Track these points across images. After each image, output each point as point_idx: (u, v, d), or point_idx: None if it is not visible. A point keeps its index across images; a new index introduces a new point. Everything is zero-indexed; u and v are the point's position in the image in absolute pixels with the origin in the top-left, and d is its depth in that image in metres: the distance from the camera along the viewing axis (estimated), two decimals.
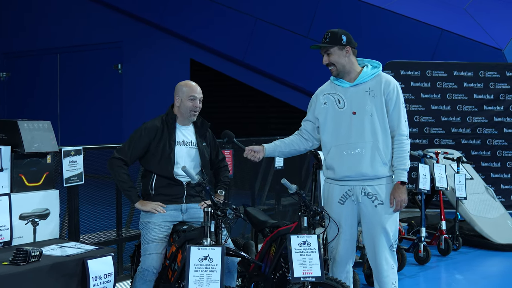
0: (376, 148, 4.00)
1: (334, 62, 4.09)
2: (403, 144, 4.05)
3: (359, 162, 4.00)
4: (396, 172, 4.03)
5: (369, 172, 4.00)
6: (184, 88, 4.32)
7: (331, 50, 4.09)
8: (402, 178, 4.00)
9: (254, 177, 7.46)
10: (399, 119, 4.05)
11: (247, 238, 6.82)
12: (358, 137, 4.01)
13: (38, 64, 17.02)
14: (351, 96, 4.08)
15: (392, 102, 4.05)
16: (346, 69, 4.11)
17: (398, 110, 4.05)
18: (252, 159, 4.27)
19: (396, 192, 4.01)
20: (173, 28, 14.19)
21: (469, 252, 7.25)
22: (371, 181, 4.02)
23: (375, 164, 4.00)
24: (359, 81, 4.09)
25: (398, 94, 4.08)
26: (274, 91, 13.07)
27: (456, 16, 11.25)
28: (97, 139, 14.61)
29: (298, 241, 3.72)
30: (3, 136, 4.16)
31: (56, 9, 16.46)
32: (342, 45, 4.08)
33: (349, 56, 4.10)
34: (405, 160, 4.03)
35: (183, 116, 4.33)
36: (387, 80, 4.10)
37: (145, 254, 4.11)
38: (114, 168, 4.23)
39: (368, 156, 3.99)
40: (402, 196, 4.01)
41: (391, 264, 4.07)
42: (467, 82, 9.75)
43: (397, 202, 4.01)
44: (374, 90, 4.05)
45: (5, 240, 3.97)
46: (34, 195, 4.17)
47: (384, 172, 4.03)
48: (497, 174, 9.71)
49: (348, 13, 11.70)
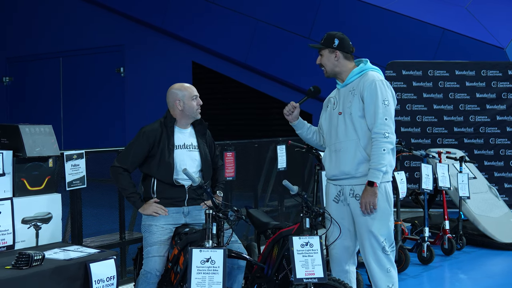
0: (357, 146, 3.98)
1: (323, 64, 4.16)
2: (377, 142, 3.90)
3: (342, 160, 4.02)
4: (369, 171, 3.91)
5: (351, 170, 3.98)
6: (184, 92, 4.31)
7: (322, 52, 4.16)
8: (372, 177, 3.87)
9: (257, 178, 7.47)
10: (376, 116, 3.92)
11: (249, 239, 6.82)
12: (342, 136, 4.04)
13: (41, 69, 17.07)
14: (341, 97, 4.13)
15: (367, 98, 3.95)
16: (336, 71, 4.15)
17: (374, 106, 3.93)
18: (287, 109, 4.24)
19: (363, 193, 3.92)
20: (174, 31, 14.21)
21: (472, 252, 7.23)
22: (357, 179, 3.99)
23: (357, 162, 3.97)
24: (346, 82, 4.13)
25: (376, 90, 3.94)
26: (276, 93, 13.07)
27: (458, 15, 11.24)
28: (100, 142, 14.62)
29: (300, 242, 3.72)
30: (5, 141, 4.17)
31: (58, 13, 16.51)
32: (332, 48, 4.10)
33: (338, 60, 4.11)
34: (378, 159, 3.87)
35: (187, 117, 4.32)
36: (368, 77, 4.03)
37: (148, 256, 4.12)
38: (115, 176, 4.24)
39: (350, 154, 3.99)
40: (367, 198, 3.88)
41: (386, 268, 4.00)
42: (469, 81, 9.74)
43: (361, 204, 3.92)
44: (355, 89, 4.05)
45: (7, 244, 3.98)
46: (36, 199, 4.18)
47: (368, 171, 3.94)
48: (500, 173, 9.70)
49: (350, 14, 11.70)
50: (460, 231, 7.18)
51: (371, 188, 3.88)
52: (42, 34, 16.82)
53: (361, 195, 3.94)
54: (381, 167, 3.88)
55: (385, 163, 3.90)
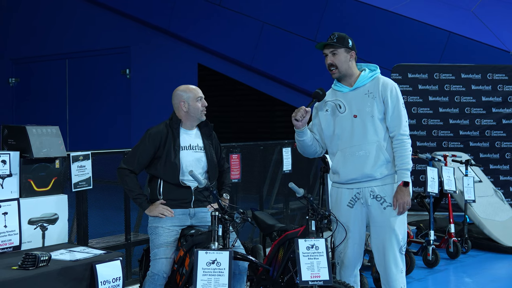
0: (380, 148, 4.01)
1: (337, 64, 4.11)
2: (404, 143, 4.03)
3: (364, 163, 4.01)
4: (399, 173, 4.01)
5: (374, 172, 4.00)
6: (188, 93, 4.32)
7: (338, 51, 4.10)
8: (405, 178, 3.99)
9: (262, 181, 7.47)
10: (400, 119, 4.05)
11: (255, 242, 6.83)
12: (361, 139, 4.03)
13: (47, 70, 17.13)
14: (351, 100, 4.11)
15: (391, 102, 4.04)
16: (348, 73, 4.14)
17: (398, 110, 4.05)
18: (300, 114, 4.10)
19: (399, 194, 4.00)
20: (180, 33, 14.24)
21: (478, 255, 7.22)
22: (377, 181, 4.02)
23: (379, 164, 4.00)
24: (358, 85, 4.12)
25: (397, 94, 4.08)
26: (281, 95, 13.08)
27: (464, 19, 11.23)
28: (106, 143, 14.67)
29: (306, 245, 3.73)
30: (12, 142, 4.19)
31: (64, 15, 16.57)
32: (349, 48, 4.11)
33: (352, 60, 4.14)
34: (407, 159, 4.01)
35: (192, 119, 4.33)
36: (384, 81, 4.11)
37: (155, 258, 4.12)
38: (121, 177, 4.25)
39: (372, 156, 4.00)
40: (404, 198, 3.99)
41: (400, 268, 4.06)
42: (475, 84, 9.72)
43: (399, 204, 3.99)
44: (372, 92, 4.07)
45: (14, 244, 4.00)
46: (42, 200, 4.19)
47: (390, 171, 4.03)
48: (506, 176, 9.67)
49: (355, 16, 11.71)
50: (465, 235, 7.17)
51: (406, 188, 4.00)
52: (48, 36, 16.88)
53: (388, 196, 4.00)
54: (409, 166, 4.02)
55: (411, 163, 4.05)
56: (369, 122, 4.02)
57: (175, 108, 4.37)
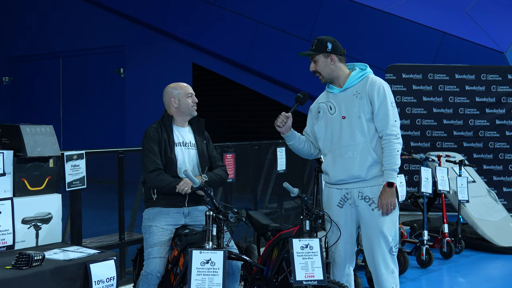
0: (367, 149, 4.00)
1: (319, 70, 4.13)
2: (391, 143, 3.98)
3: (351, 164, 4.01)
4: (385, 173, 3.97)
5: (361, 173, 4.00)
6: (179, 90, 4.34)
7: (316, 58, 4.13)
8: (390, 178, 3.95)
9: (256, 180, 7.47)
10: (387, 119, 4.00)
11: (249, 241, 6.83)
12: (349, 140, 4.03)
13: (41, 68, 17.08)
14: (341, 101, 4.11)
15: (378, 101, 4.00)
16: (334, 75, 4.14)
17: (385, 110, 4.00)
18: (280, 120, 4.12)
19: (383, 195, 3.96)
20: (175, 32, 14.22)
21: (471, 255, 7.24)
22: (366, 182, 4.01)
23: (367, 165, 3.99)
24: (347, 86, 4.11)
25: (385, 93, 4.02)
26: (276, 95, 13.09)
27: (458, 19, 11.26)
28: (100, 143, 14.63)
29: (300, 245, 3.73)
30: (6, 141, 4.17)
31: (58, 13, 16.52)
32: (327, 52, 4.11)
33: (334, 63, 4.12)
34: (393, 160, 3.96)
35: (183, 114, 4.34)
36: (372, 80, 4.07)
37: (149, 258, 4.12)
38: (157, 180, 4.14)
39: (359, 158, 4.00)
40: (388, 199, 3.94)
41: (391, 269, 4.04)
42: (469, 85, 9.76)
43: (383, 205, 3.96)
44: (360, 93, 4.06)
45: (7, 244, 3.98)
46: (36, 199, 4.18)
47: (378, 172, 4.01)
48: (499, 177, 9.71)
49: (350, 17, 11.71)
50: (459, 235, 7.19)
51: (391, 189, 3.96)
52: (42, 34, 16.82)
53: (377, 197, 3.97)
54: (396, 167, 3.97)
55: (398, 163, 3.99)
56: (357, 123, 4.02)
57: (166, 105, 4.38)
